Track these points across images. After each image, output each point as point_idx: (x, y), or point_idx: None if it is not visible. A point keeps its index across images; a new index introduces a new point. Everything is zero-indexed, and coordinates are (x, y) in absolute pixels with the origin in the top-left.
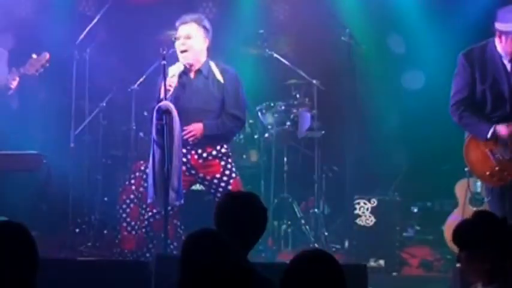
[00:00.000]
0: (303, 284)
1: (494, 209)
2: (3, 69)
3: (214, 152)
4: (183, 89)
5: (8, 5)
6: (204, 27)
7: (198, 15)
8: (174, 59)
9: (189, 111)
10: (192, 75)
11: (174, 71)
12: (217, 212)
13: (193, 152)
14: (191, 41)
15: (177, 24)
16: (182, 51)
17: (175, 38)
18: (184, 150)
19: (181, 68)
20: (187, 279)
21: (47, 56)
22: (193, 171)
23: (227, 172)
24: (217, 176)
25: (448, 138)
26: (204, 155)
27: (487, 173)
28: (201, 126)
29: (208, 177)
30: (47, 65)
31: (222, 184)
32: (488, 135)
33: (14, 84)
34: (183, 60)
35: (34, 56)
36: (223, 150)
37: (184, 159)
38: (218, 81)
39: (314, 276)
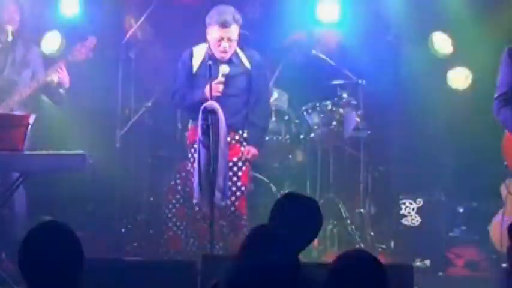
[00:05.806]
0: (346, 284)
1: None
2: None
3: (236, 137)
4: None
5: (56, 5)
6: (240, 24)
7: (234, 12)
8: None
9: (219, 99)
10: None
11: (224, 69)
12: (275, 209)
13: None
14: (232, 42)
15: (212, 20)
16: (222, 52)
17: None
18: None
19: (227, 70)
20: (239, 279)
21: (94, 40)
22: None
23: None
24: (235, 159)
25: (495, 137)
26: (228, 139)
27: None
28: (254, 148)
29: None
30: (94, 48)
31: (239, 165)
32: None
33: (58, 76)
34: (221, 56)
35: (79, 44)
36: (244, 135)
37: None
38: (245, 67)
39: (357, 277)
